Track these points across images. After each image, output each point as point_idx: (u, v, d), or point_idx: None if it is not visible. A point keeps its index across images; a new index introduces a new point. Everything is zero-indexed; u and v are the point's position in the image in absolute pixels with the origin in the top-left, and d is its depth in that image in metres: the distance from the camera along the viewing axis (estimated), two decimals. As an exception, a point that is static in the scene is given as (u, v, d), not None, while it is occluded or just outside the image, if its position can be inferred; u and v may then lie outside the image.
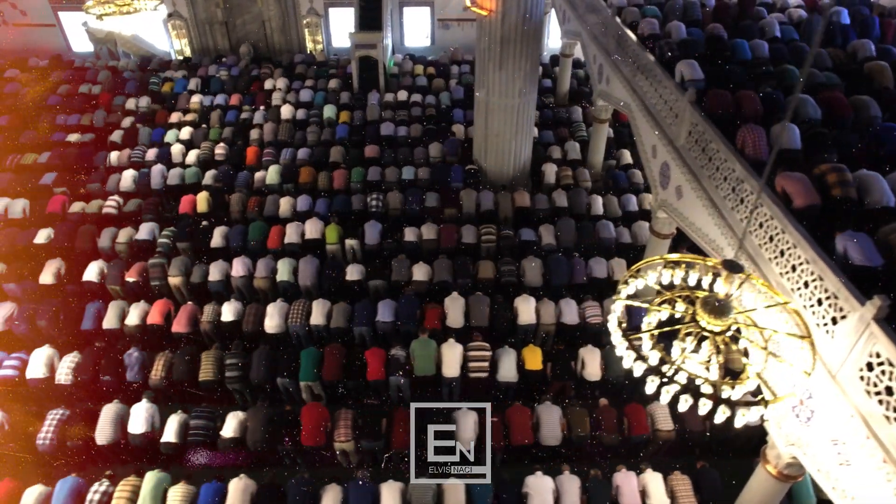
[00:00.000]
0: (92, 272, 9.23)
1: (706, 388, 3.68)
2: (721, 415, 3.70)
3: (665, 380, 3.84)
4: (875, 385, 4.11)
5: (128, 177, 11.36)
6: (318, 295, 8.99)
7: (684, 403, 3.77)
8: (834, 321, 4.52)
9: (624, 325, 4.17)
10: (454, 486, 6.39)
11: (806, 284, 4.92)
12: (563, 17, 13.42)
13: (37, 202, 10.79)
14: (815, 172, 5.83)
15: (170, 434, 7.02)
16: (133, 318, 8.48)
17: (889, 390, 4.00)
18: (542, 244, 9.80)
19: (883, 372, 4.04)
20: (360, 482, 6.43)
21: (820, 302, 4.73)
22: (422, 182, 11.13)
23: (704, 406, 3.70)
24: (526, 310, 8.40)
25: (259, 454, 7.04)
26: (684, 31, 8.96)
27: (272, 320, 8.30)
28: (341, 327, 8.29)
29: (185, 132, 12.73)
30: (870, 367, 4.16)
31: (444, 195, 10.66)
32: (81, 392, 7.94)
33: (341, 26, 16.93)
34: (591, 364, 7.80)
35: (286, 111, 13.28)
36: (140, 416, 7.09)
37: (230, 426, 7.03)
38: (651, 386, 3.88)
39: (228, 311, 8.42)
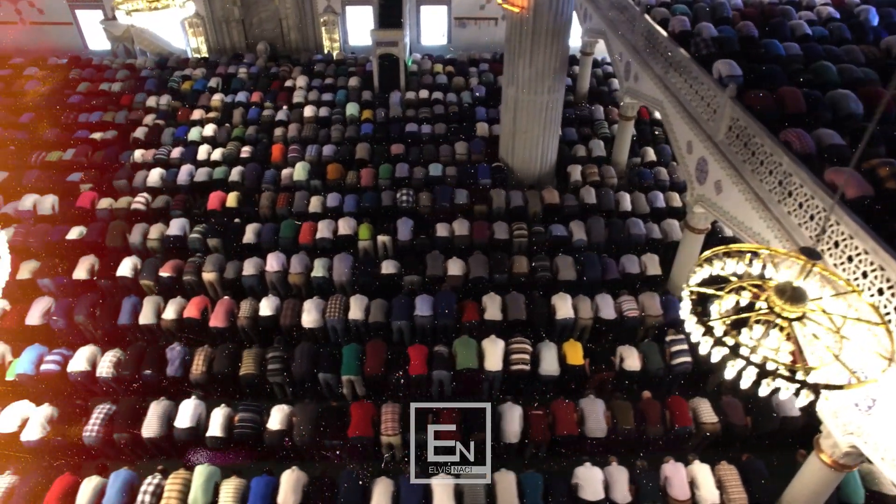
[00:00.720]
0: (126, 268, 9.23)
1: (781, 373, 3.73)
2: (804, 398, 3.77)
3: (745, 365, 3.87)
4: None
5: (155, 174, 11.36)
6: (351, 291, 9.04)
7: (766, 388, 3.83)
8: (897, 309, 4.60)
9: (699, 310, 4.20)
10: (506, 480, 6.45)
11: (865, 274, 5.00)
12: (584, 15, 13.50)
13: (65, 199, 10.79)
14: (865, 167, 5.91)
15: (216, 428, 7.03)
16: (170, 313, 8.50)
17: (963, 376, 4.07)
18: (573, 240, 9.88)
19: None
20: (408, 477, 6.48)
21: (881, 291, 4.81)
22: (450, 179, 11.18)
23: (787, 390, 3.76)
24: (563, 305, 8.47)
25: (306, 450, 7.06)
26: (714, 30, 9.04)
27: (310, 315, 8.32)
28: (380, 321, 8.33)
29: (209, 130, 12.74)
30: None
31: (472, 192, 10.72)
32: (121, 386, 7.97)
33: (358, 24, 16.98)
34: (629, 357, 7.86)
35: (309, 109, 13.31)
36: (188, 412, 7.10)
37: (276, 419, 7.06)
38: (731, 371, 3.94)
39: (266, 307, 8.44)
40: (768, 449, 7.17)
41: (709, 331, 4.04)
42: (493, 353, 7.70)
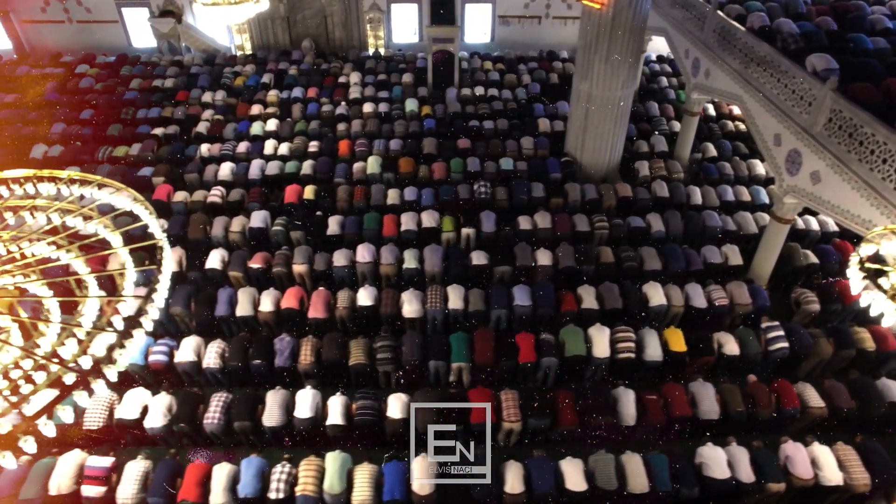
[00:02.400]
0: (215, 260, 9.29)
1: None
2: None
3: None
4: None
5: (225, 168, 11.41)
6: (441, 281, 9.16)
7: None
8: None
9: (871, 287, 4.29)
10: (634, 459, 6.61)
11: None
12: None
13: (140, 193, 10.78)
14: None
15: (335, 416, 7.11)
16: (267, 305, 8.56)
17: None
18: (651, 232, 10.08)
19: None
20: (540, 458, 6.63)
21: None
22: (521, 173, 11.34)
23: None
24: (656, 294, 8.65)
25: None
26: (794, 25, 9.26)
27: (411, 305, 8.43)
28: (480, 310, 8.47)
29: (272, 124, 12.81)
30: None
31: (545, 186, 10.90)
32: (227, 378, 8.04)
33: (403, 22, 17.11)
34: (728, 343, 8.05)
35: (368, 105, 13.42)
36: (307, 401, 7.18)
37: (395, 407, 7.15)
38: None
39: (365, 297, 8.53)
40: (876, 433, 7.37)
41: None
42: (601, 341, 7.86)
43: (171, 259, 4.60)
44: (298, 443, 7.28)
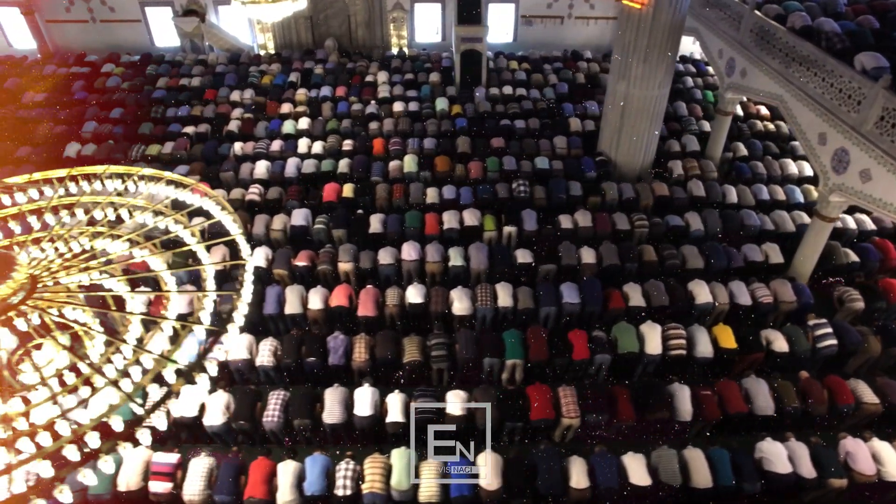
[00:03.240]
0: (259, 257, 9.30)
1: None
2: None
3: None
4: None
5: (261, 166, 11.41)
6: (486, 279, 9.19)
7: None
8: None
9: None
10: (696, 454, 6.66)
11: None
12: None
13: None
14: None
15: (395, 414, 7.13)
16: (316, 303, 8.57)
17: None
18: (689, 231, 10.14)
19: None
20: (602, 453, 6.67)
21: None
22: (557, 172, 11.39)
23: None
24: (702, 291, 8.72)
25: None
26: (836, 24, 9.33)
27: (461, 303, 8.46)
28: (529, 308, 8.51)
29: (304, 123, 12.82)
30: None
31: (582, 185, 10.95)
32: (279, 376, 8.05)
33: (425, 21, 17.13)
34: (776, 340, 8.11)
35: (398, 104, 13.45)
36: (366, 399, 7.19)
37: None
38: None
39: (415, 294, 8.56)
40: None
41: None
42: (653, 338, 7.92)
43: (249, 256, 4.61)
44: (358, 440, 7.30)
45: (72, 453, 3.31)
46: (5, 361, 3.73)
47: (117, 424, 3.45)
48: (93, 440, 3.34)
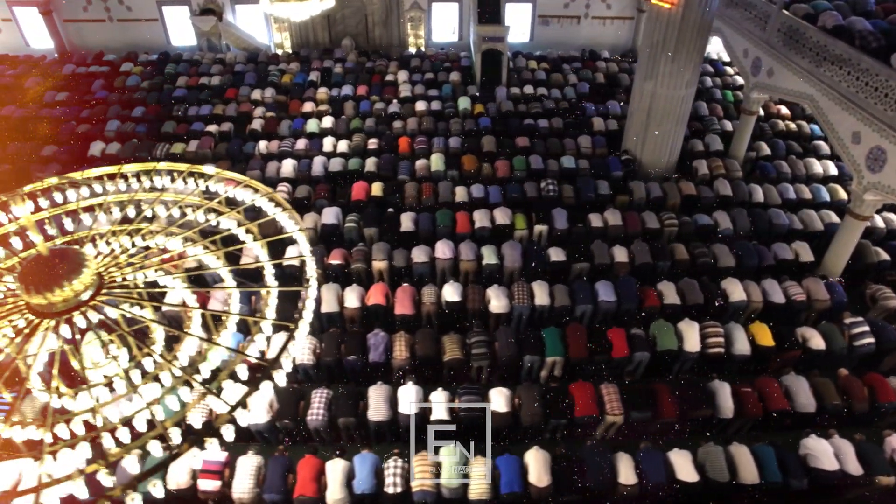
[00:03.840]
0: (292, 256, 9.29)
1: None
2: None
3: None
4: None
5: (288, 165, 11.41)
6: (519, 277, 9.21)
7: None
8: None
9: None
10: (742, 450, 6.68)
11: None
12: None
13: (205, 190, 10.78)
14: None
15: (441, 412, 7.13)
16: (353, 301, 8.57)
17: None
18: (718, 230, 10.18)
19: None
20: (647, 449, 6.69)
21: None
22: (583, 171, 11.42)
23: None
24: (735, 289, 8.75)
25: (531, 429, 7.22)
26: (868, 23, 9.38)
27: (498, 301, 8.47)
28: (566, 306, 8.53)
29: (327, 122, 12.82)
30: None
31: (610, 184, 10.99)
32: (318, 374, 8.05)
33: (442, 21, 17.15)
34: (813, 338, 8.15)
35: (421, 103, 13.46)
36: (410, 397, 7.17)
37: (499, 401, 7.18)
38: None
39: (452, 293, 8.57)
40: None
41: None
42: (692, 336, 7.95)
43: (310, 254, 4.57)
44: (402, 438, 7.30)
45: (155, 449, 3.27)
46: (73, 359, 3.69)
47: (196, 421, 3.41)
48: (175, 436, 3.33)
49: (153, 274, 4.08)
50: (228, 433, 3.47)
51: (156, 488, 3.23)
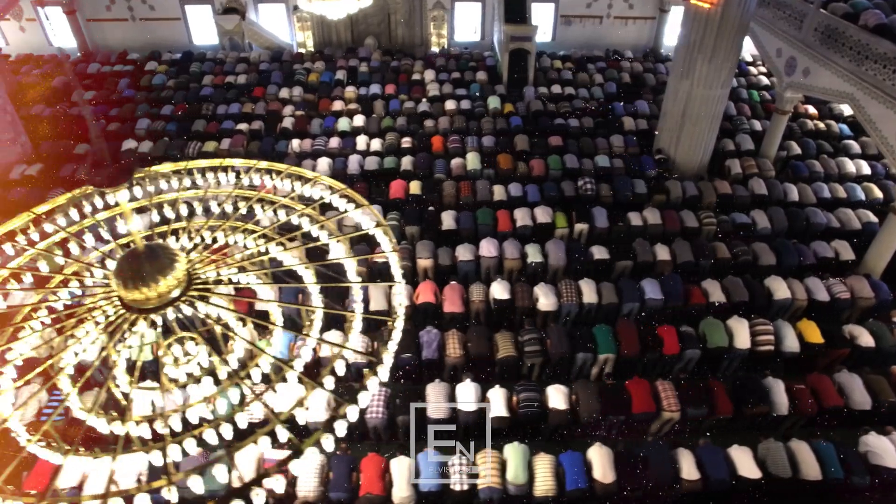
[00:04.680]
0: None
1: None
2: None
3: None
4: None
5: (323, 163, 11.39)
6: (564, 275, 9.23)
7: None
8: None
9: None
10: (803, 446, 6.72)
11: None
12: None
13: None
14: None
15: (500, 408, 7.14)
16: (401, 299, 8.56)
17: None
18: (756, 228, 10.23)
19: None
20: (707, 445, 6.73)
21: None
22: (618, 171, 11.45)
23: None
24: (780, 287, 8.80)
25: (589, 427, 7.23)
26: (908, 23, 9.44)
27: (547, 299, 8.49)
28: (613, 304, 8.55)
29: (359, 120, 12.82)
30: None
31: (646, 183, 11.03)
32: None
33: (465, 20, 17.17)
34: (861, 335, 8.20)
35: (450, 102, 13.47)
36: (469, 394, 7.18)
37: (557, 399, 7.20)
38: None
39: (501, 290, 8.58)
40: None
41: None
42: (741, 333, 7.99)
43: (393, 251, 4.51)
44: (462, 435, 7.30)
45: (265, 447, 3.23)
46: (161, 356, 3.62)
47: (303, 419, 3.34)
48: (283, 434, 3.30)
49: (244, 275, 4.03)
50: (341, 429, 3.45)
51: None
